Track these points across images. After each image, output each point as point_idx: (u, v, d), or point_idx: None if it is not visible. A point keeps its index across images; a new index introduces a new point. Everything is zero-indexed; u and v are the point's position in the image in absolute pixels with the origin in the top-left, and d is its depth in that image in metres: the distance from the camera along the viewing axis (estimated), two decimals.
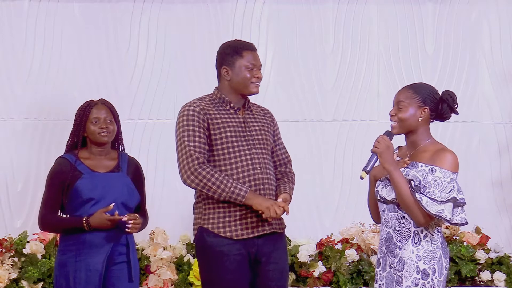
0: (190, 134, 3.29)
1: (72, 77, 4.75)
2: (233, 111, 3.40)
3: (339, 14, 4.90)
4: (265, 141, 3.42)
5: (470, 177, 4.82)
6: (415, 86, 3.11)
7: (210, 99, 3.43)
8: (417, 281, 2.97)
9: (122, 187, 3.40)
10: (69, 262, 3.33)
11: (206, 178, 3.23)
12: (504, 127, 4.92)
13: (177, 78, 4.81)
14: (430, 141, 3.08)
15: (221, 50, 3.46)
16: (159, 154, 4.74)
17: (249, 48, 3.41)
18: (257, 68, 3.38)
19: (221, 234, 3.28)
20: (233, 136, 3.34)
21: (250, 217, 3.29)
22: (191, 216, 3.43)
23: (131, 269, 3.40)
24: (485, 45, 4.94)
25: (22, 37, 4.75)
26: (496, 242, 4.64)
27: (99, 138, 3.40)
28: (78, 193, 3.34)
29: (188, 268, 4.37)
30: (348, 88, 4.89)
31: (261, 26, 4.87)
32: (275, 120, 3.58)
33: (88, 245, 3.32)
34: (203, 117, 3.32)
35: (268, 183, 3.35)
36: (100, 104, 3.46)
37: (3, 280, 4.16)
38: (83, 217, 3.30)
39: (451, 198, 2.93)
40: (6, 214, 4.67)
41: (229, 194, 3.24)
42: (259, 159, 3.35)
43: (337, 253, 4.45)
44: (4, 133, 4.72)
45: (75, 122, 3.46)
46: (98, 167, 3.41)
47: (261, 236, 3.32)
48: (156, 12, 4.81)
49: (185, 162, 3.27)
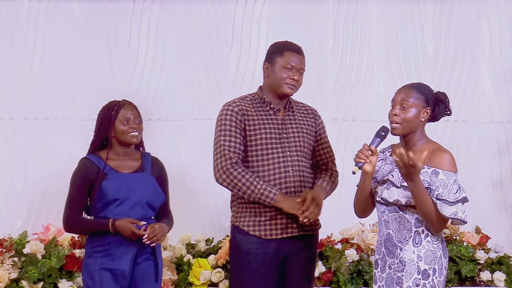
0: (227, 134, 3.33)
1: (72, 77, 4.75)
2: (273, 112, 3.42)
3: (339, 14, 4.90)
4: (302, 143, 3.43)
5: (470, 177, 4.82)
6: (418, 86, 3.08)
7: (252, 98, 3.45)
8: (417, 281, 2.97)
9: (147, 187, 3.41)
10: (95, 264, 3.34)
11: (237, 178, 3.27)
12: (504, 127, 4.92)
13: (177, 78, 4.81)
14: (426, 141, 3.06)
15: (270, 47, 3.49)
16: (159, 154, 4.69)
17: (293, 49, 3.43)
18: (296, 70, 3.39)
19: (250, 233, 3.33)
20: (268, 138, 3.36)
21: (280, 218, 3.33)
22: (191, 216, 3.44)
23: (157, 269, 3.42)
24: (485, 45, 4.94)
25: (22, 37, 4.75)
26: (496, 242, 4.64)
27: (129, 138, 3.41)
28: (103, 194, 3.34)
29: (188, 268, 4.37)
30: (348, 88, 4.89)
31: (261, 26, 4.87)
32: (319, 120, 3.58)
33: (115, 246, 3.33)
34: (240, 117, 3.36)
35: (300, 186, 3.37)
36: (128, 104, 3.47)
37: (3, 280, 4.16)
38: (109, 219, 3.31)
39: (460, 198, 2.93)
40: (6, 214, 4.67)
41: (258, 196, 3.27)
42: (292, 162, 3.37)
43: (337, 253, 4.44)
44: (4, 133, 4.72)
45: (102, 121, 3.44)
46: (122, 167, 3.42)
47: (291, 238, 3.35)
48: (156, 12, 4.81)
49: (219, 161, 3.32)
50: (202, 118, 4.79)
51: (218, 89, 4.80)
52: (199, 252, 4.45)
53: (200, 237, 4.48)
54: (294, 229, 3.35)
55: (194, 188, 4.65)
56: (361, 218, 3.27)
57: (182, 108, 4.79)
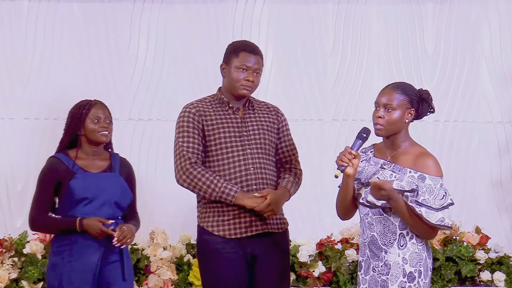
0: (185, 135, 3.34)
1: (72, 77, 4.75)
2: (232, 111, 3.41)
3: (339, 14, 4.89)
4: (262, 140, 3.41)
5: (470, 177, 4.82)
6: (401, 86, 3.02)
7: (211, 100, 3.45)
8: (403, 284, 2.93)
9: (115, 187, 3.41)
10: (62, 263, 3.32)
11: (197, 177, 3.27)
12: (504, 127, 4.92)
13: (177, 78, 4.81)
14: (410, 143, 3.03)
15: (227, 47, 3.47)
16: (159, 154, 4.73)
17: (248, 49, 3.39)
18: (251, 71, 3.36)
19: (215, 233, 3.31)
20: (227, 136, 3.35)
21: (244, 217, 3.31)
22: (191, 216, 3.45)
23: (124, 268, 3.40)
24: (485, 45, 4.93)
25: (22, 37, 4.75)
26: (496, 242, 4.63)
27: (98, 137, 3.41)
28: (71, 193, 3.33)
29: (188, 268, 4.37)
30: (348, 88, 4.89)
31: (261, 26, 4.87)
32: (282, 117, 3.55)
33: (82, 245, 3.32)
34: (198, 118, 3.36)
35: (262, 183, 3.35)
36: (99, 104, 3.47)
37: (3, 280, 4.16)
38: (77, 218, 3.30)
39: (446, 204, 2.92)
40: (6, 214, 4.67)
41: (219, 194, 3.26)
42: (253, 159, 3.35)
43: (337, 253, 4.45)
44: (4, 133, 4.72)
45: (73, 119, 3.45)
46: (91, 167, 3.42)
47: (256, 236, 3.33)
48: (156, 12, 4.81)
49: (178, 162, 3.32)
50: None
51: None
52: None
53: None
54: (258, 226, 3.32)
55: None
56: (344, 220, 3.22)
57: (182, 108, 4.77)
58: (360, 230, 3.10)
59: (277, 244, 3.40)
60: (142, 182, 4.72)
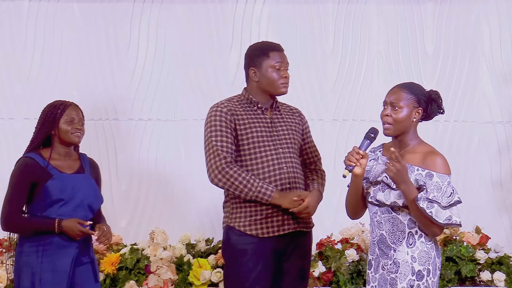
0: (218, 134, 3.34)
1: (72, 77, 4.75)
2: (261, 111, 3.45)
3: (339, 14, 4.90)
4: (292, 140, 3.46)
5: (470, 177, 4.82)
6: (409, 86, 3.07)
7: (238, 100, 3.48)
8: (412, 282, 2.96)
9: (89, 189, 3.41)
10: (34, 263, 3.30)
11: (233, 177, 3.28)
12: (504, 127, 4.92)
13: (177, 78, 4.81)
14: (418, 142, 3.06)
15: (249, 51, 3.50)
16: (159, 154, 4.73)
17: (276, 48, 3.46)
18: (284, 68, 3.42)
19: (247, 232, 3.33)
20: (260, 136, 3.38)
21: (276, 216, 3.34)
22: (191, 216, 3.44)
23: (95, 269, 3.42)
24: (485, 45, 4.93)
25: (22, 37, 4.75)
26: (496, 242, 4.63)
27: (71, 138, 3.40)
28: (48, 194, 3.31)
29: (188, 268, 4.36)
30: (348, 88, 4.89)
31: (261, 26, 4.87)
32: (304, 119, 3.62)
33: (56, 246, 3.31)
34: (230, 117, 3.38)
35: (295, 182, 3.40)
36: (74, 105, 3.47)
37: (3, 280, 4.16)
38: (55, 220, 3.28)
39: (453, 202, 2.93)
40: None
41: (255, 194, 3.28)
42: (285, 159, 3.39)
43: (337, 253, 4.44)
44: (4, 133, 4.72)
45: (46, 118, 3.43)
46: (64, 167, 3.40)
47: (287, 235, 3.36)
48: (156, 12, 4.81)
49: (213, 161, 3.32)
50: (202, 118, 4.69)
51: (218, 89, 4.79)
52: (199, 252, 4.45)
53: (200, 237, 4.48)
54: (291, 225, 3.36)
55: (194, 188, 4.64)
56: (353, 219, 3.28)
57: (182, 108, 4.79)
58: (370, 229, 3.14)
59: (304, 242, 3.46)
60: (142, 182, 4.73)
